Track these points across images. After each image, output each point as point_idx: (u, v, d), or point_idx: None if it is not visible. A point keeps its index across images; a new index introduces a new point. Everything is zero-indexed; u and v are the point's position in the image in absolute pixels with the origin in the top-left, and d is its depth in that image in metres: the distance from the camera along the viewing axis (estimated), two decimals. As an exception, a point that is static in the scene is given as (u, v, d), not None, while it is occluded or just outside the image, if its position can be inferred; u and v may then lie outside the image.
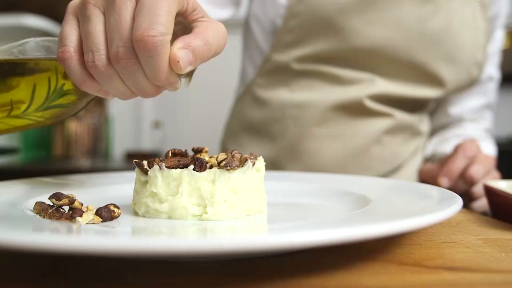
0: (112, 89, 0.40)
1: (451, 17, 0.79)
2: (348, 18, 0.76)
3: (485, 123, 0.96)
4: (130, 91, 0.40)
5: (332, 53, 0.79)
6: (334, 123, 0.82)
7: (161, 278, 0.29)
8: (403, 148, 0.85)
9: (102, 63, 0.38)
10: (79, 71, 0.39)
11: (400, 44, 0.78)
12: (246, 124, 0.89)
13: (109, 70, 0.38)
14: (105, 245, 0.24)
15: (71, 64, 0.39)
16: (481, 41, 0.83)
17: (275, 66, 0.83)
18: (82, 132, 2.24)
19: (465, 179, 0.74)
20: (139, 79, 0.38)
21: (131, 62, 0.37)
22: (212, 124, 2.15)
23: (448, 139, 0.91)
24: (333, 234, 0.27)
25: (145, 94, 0.40)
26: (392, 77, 0.81)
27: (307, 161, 0.82)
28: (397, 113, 0.83)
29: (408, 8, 0.77)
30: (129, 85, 0.39)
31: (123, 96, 0.41)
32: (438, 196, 0.43)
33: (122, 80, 0.39)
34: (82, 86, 0.40)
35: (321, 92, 0.81)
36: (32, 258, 0.33)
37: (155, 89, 0.40)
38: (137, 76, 0.38)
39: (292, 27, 0.79)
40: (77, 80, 0.40)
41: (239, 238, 0.26)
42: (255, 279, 0.29)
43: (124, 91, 0.40)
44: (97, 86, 0.40)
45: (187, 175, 0.40)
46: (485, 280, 0.29)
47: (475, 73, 0.83)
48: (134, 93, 0.41)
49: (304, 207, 0.47)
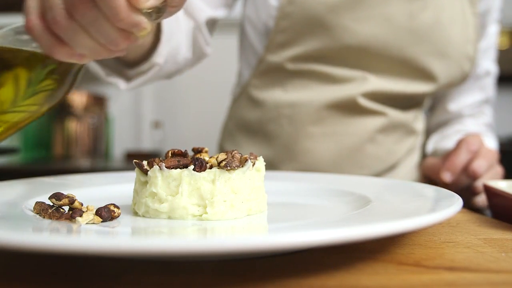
0: (81, 47, 0.39)
1: (439, 12, 0.80)
2: (337, 16, 0.76)
3: (485, 118, 0.96)
4: (99, 45, 0.39)
5: (324, 52, 0.79)
6: (328, 122, 0.82)
7: (161, 278, 0.29)
8: (397, 147, 0.86)
9: (61, 17, 0.37)
10: (46, 37, 0.38)
11: (390, 40, 0.78)
12: (243, 125, 0.90)
13: (71, 24, 0.37)
14: (105, 245, 0.24)
15: (37, 31, 0.38)
16: (471, 35, 0.83)
17: (269, 66, 0.84)
18: (82, 132, 2.24)
19: (468, 174, 0.74)
20: (102, 24, 0.37)
21: (88, 7, 0.36)
22: (212, 124, 2.15)
23: (448, 136, 0.91)
24: (333, 234, 0.27)
25: (114, 44, 0.39)
26: (384, 74, 0.81)
27: (302, 160, 0.83)
28: (391, 111, 0.83)
29: (396, 4, 0.78)
30: (95, 36, 0.38)
31: (95, 54, 0.40)
32: (438, 196, 0.43)
33: (86, 33, 0.38)
34: (53, 53, 0.39)
35: (314, 91, 0.82)
36: (32, 258, 0.33)
37: (122, 35, 0.38)
38: (99, 22, 0.37)
39: (284, 27, 0.80)
40: (47, 47, 0.39)
41: (239, 238, 0.26)
42: (255, 279, 0.29)
43: (93, 46, 0.39)
44: (68, 49, 0.39)
45: (187, 175, 0.40)
46: (485, 280, 0.29)
47: (467, 68, 0.84)
48: (106, 47, 0.39)
49: (304, 207, 0.47)
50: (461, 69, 0.83)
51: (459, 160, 0.74)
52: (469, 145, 0.75)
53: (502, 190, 0.50)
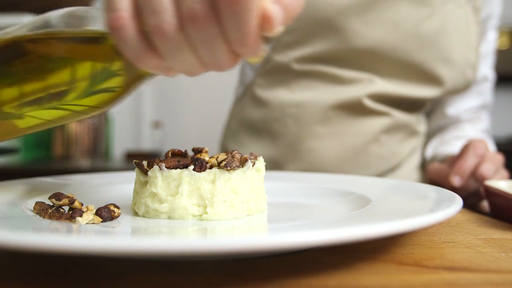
0: (179, 63, 0.32)
1: (445, 20, 0.81)
2: (347, 19, 0.77)
3: (482, 124, 0.97)
4: (200, 64, 0.32)
5: (331, 53, 0.80)
6: (333, 122, 0.83)
7: (161, 278, 0.29)
8: (401, 147, 0.87)
9: (171, 27, 0.30)
10: (136, 42, 0.31)
11: (397, 45, 0.79)
12: (246, 124, 0.90)
13: (179, 37, 0.30)
14: (105, 245, 0.24)
15: (127, 33, 0.31)
16: (473, 43, 0.85)
17: (275, 66, 0.85)
18: (82, 132, 2.24)
19: (476, 178, 0.74)
20: (219, 45, 0.31)
21: (211, 23, 0.29)
22: (212, 124, 2.15)
23: (447, 141, 0.91)
24: (333, 234, 0.27)
25: (219, 67, 0.33)
26: (390, 77, 0.82)
27: (307, 159, 0.83)
28: (395, 112, 0.84)
29: (405, 10, 0.79)
30: (203, 54, 0.31)
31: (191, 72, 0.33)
32: (438, 196, 0.43)
33: (192, 50, 0.31)
34: (139, 61, 0.32)
35: (320, 92, 0.83)
36: (32, 258, 0.33)
37: (233, 58, 0.32)
38: (217, 42, 0.30)
39: (292, 28, 0.80)
40: (133, 54, 0.32)
41: (239, 238, 0.26)
42: (255, 279, 0.29)
43: (193, 63, 0.32)
44: (159, 61, 0.32)
45: (187, 175, 0.40)
46: (485, 280, 0.29)
47: (469, 75, 0.85)
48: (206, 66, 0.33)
49: (304, 207, 0.47)
50: (464, 76, 0.84)
51: (467, 164, 0.74)
52: (476, 149, 0.75)
53: (502, 190, 0.50)
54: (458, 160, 0.76)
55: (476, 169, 0.75)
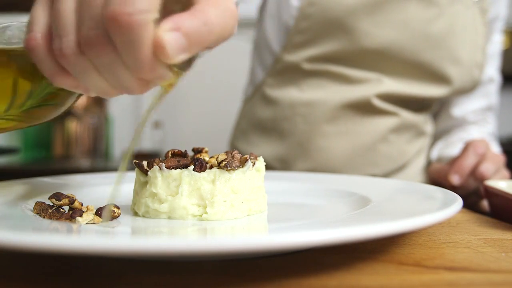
0: (89, 85, 0.33)
1: (453, 21, 0.82)
2: (357, 20, 0.78)
3: (489, 126, 0.97)
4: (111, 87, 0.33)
5: (341, 53, 0.81)
6: (342, 121, 0.84)
7: (161, 278, 0.29)
8: (408, 147, 0.87)
9: (70, 51, 0.30)
10: (49, 63, 0.32)
11: (406, 45, 0.80)
12: (256, 123, 0.91)
13: (81, 61, 0.31)
14: (105, 245, 0.24)
15: (40, 53, 0.32)
16: (480, 43, 0.86)
17: (286, 66, 0.86)
18: (82, 132, 2.24)
19: (475, 177, 0.75)
20: (119, 71, 0.31)
21: (106, 49, 0.29)
22: (212, 124, 2.15)
23: (453, 143, 0.92)
24: (333, 234, 0.27)
25: (129, 91, 0.33)
26: (399, 77, 0.83)
27: (316, 158, 0.84)
28: (403, 112, 0.85)
29: (413, 11, 0.80)
30: (108, 79, 0.32)
31: (105, 93, 0.34)
32: (438, 196, 0.43)
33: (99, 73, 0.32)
34: (55, 80, 0.33)
35: (330, 91, 0.83)
36: (32, 258, 0.33)
37: (141, 84, 0.32)
38: (116, 68, 0.31)
39: (303, 28, 0.81)
40: (49, 73, 0.33)
41: (239, 238, 0.26)
42: (255, 279, 0.29)
43: (103, 87, 0.33)
44: (73, 81, 0.33)
45: (187, 175, 0.40)
46: (485, 280, 0.29)
47: (476, 75, 0.86)
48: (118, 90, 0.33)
49: (304, 207, 0.47)
50: (472, 76, 0.85)
51: (467, 163, 0.75)
52: (476, 148, 0.76)
53: (502, 190, 0.50)
54: (458, 159, 0.77)
55: (476, 168, 0.75)
